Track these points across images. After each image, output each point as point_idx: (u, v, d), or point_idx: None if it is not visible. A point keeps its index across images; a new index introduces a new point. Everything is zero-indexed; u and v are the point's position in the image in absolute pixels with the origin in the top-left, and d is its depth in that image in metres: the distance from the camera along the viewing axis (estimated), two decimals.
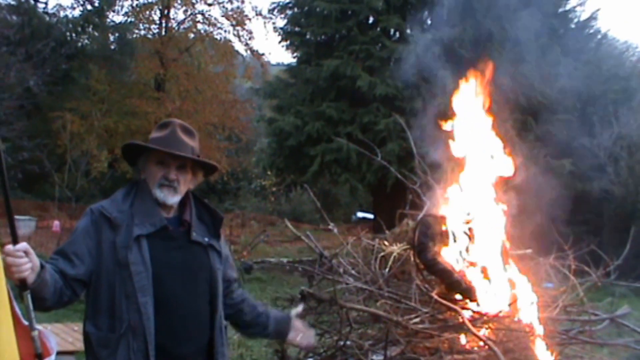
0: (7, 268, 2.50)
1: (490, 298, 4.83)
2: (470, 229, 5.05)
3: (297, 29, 20.98)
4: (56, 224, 18.03)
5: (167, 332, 2.82)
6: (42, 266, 2.60)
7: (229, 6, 24.39)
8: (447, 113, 5.38)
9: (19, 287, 2.57)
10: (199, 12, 24.44)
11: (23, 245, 2.54)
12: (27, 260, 2.53)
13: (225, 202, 32.38)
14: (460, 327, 4.64)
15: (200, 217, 3.11)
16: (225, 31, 24.63)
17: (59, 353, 6.84)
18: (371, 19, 19.59)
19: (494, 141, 5.27)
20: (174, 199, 2.98)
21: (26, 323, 2.62)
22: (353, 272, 5.64)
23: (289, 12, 21.38)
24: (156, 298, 2.80)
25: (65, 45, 22.50)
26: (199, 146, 3.11)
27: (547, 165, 14.21)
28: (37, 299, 2.61)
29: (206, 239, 3.05)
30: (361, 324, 5.28)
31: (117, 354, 2.76)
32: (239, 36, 24.59)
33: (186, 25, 24.61)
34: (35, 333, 2.62)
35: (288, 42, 21.23)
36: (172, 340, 2.84)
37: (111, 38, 28.03)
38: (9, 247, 2.53)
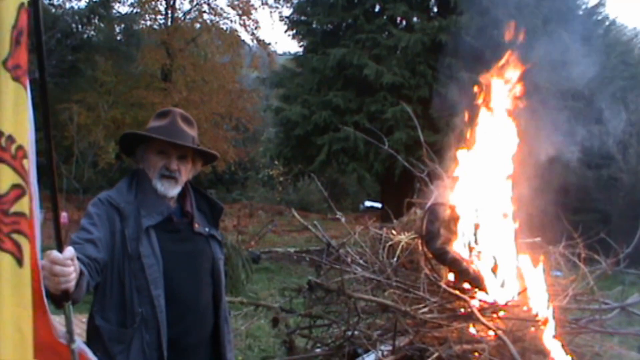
0: (51, 277, 2.21)
1: (499, 287, 4.81)
2: (478, 218, 5.02)
3: (303, 17, 20.90)
4: (64, 215, 18.05)
5: (177, 324, 2.81)
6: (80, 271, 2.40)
7: None
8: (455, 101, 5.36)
9: (59, 297, 2.27)
10: (205, 2, 24.43)
11: (70, 251, 2.26)
12: (73, 269, 2.27)
13: (233, 192, 32.43)
14: (469, 317, 4.62)
15: (199, 207, 3.09)
16: (231, 21, 24.65)
17: None
18: (377, 7, 19.48)
19: (503, 129, 5.23)
20: (174, 191, 2.95)
21: (61, 339, 2.34)
22: (361, 261, 5.63)
23: (294, 1, 21.35)
24: (166, 290, 2.79)
25: (71, 36, 22.52)
26: (197, 135, 3.08)
27: (555, 153, 14.13)
28: (72, 301, 2.37)
29: (207, 229, 3.04)
30: (369, 314, 5.27)
31: (132, 348, 2.74)
32: (245, 26, 24.58)
33: (192, 15, 24.61)
34: (74, 346, 2.35)
35: (294, 31, 21.16)
36: (181, 331, 2.83)
37: (117, 29, 28.01)
38: (56, 254, 2.22)
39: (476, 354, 4.36)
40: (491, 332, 4.47)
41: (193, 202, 3.06)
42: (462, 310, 4.73)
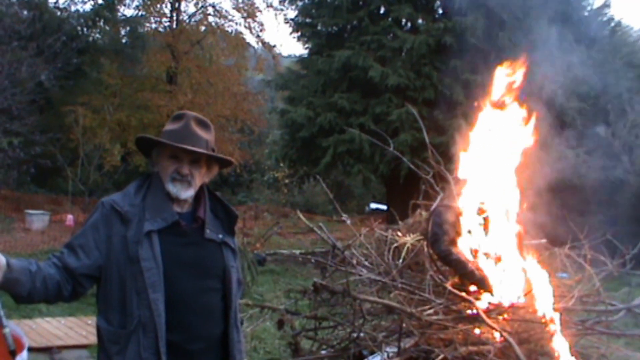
0: None
1: (505, 289, 4.80)
2: (484, 219, 5.01)
3: (308, 20, 20.89)
4: (69, 218, 18.11)
5: (178, 329, 2.78)
6: (8, 264, 2.52)
7: None
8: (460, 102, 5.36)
9: None
10: (210, 5, 24.43)
11: None
12: None
13: (239, 194, 32.40)
14: (475, 319, 4.61)
15: (214, 212, 3.04)
16: (236, 23, 24.62)
17: (73, 347, 6.90)
18: (382, 9, 19.48)
19: (508, 130, 5.22)
20: (187, 194, 2.90)
21: None
22: (366, 263, 5.63)
23: (299, 3, 21.32)
24: (167, 294, 2.76)
25: (77, 39, 22.52)
26: (214, 139, 3.02)
27: (561, 155, 14.11)
28: (11, 295, 2.58)
29: (220, 236, 2.99)
30: (375, 315, 5.27)
31: (128, 350, 2.72)
32: (250, 28, 24.56)
33: (197, 18, 24.60)
34: (7, 330, 2.51)
35: (299, 33, 21.15)
36: (183, 337, 2.80)
37: (122, 32, 28.04)
38: None
39: (482, 355, 4.35)
40: (497, 334, 4.46)
41: (207, 208, 3.00)
42: (468, 312, 4.72)
